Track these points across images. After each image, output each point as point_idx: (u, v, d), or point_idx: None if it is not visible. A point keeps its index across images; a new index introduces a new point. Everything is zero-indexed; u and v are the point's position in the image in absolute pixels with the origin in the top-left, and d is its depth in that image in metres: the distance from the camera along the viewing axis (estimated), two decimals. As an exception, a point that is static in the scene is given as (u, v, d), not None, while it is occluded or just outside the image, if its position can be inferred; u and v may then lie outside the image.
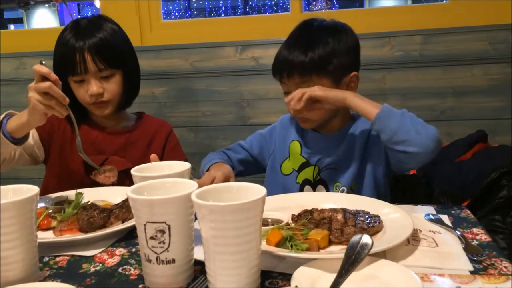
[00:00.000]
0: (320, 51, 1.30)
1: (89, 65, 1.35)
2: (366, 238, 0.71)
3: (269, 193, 1.28)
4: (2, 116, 1.24)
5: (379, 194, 1.35)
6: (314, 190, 1.38)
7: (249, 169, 1.51)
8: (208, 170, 1.36)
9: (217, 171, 1.25)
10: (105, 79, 1.39)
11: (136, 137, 1.50)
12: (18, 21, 13.05)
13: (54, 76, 1.12)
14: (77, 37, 1.36)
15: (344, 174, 1.34)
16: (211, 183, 1.17)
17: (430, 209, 1.12)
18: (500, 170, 1.53)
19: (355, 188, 1.35)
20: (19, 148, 1.28)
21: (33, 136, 1.40)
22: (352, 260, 0.68)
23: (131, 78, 1.47)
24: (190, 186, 0.82)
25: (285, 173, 1.43)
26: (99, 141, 1.46)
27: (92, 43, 1.35)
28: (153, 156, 1.16)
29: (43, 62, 1.15)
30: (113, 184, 1.33)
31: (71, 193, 1.20)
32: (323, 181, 1.37)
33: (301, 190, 1.38)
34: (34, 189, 0.82)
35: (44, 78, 1.12)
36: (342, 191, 1.33)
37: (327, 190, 1.35)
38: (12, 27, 12.91)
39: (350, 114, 1.44)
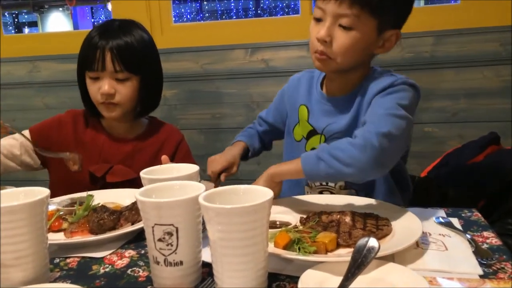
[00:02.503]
0: None
1: (106, 63, 1.36)
2: (373, 241, 0.71)
3: (286, 158, 1.26)
4: None
5: (393, 173, 1.24)
6: None
7: (274, 137, 1.49)
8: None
9: (218, 164, 1.29)
10: (120, 81, 1.39)
11: (144, 144, 1.49)
12: (33, 24, 13.23)
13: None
14: (102, 37, 1.37)
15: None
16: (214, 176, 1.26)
17: (441, 212, 1.11)
18: (513, 173, 1.52)
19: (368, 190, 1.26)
20: None
21: (23, 144, 1.41)
22: (359, 264, 0.68)
23: (149, 87, 1.45)
24: (198, 188, 0.82)
25: (297, 139, 1.34)
26: (106, 148, 1.45)
27: (115, 44, 1.36)
28: (164, 157, 1.16)
29: None
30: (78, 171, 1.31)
31: (82, 195, 1.21)
32: None
33: None
34: (45, 192, 0.84)
35: None
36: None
37: None
38: (26, 30, 13.10)
39: (369, 71, 1.26)
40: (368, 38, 1.15)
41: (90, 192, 1.20)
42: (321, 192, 1.28)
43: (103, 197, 1.21)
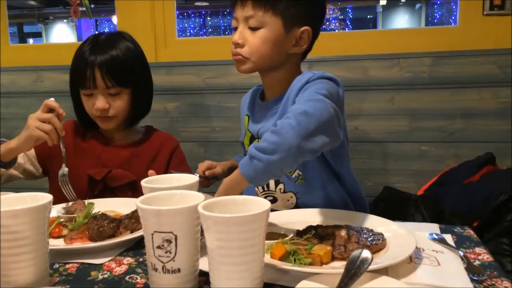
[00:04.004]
0: None
1: (98, 81, 1.41)
2: (366, 253, 0.72)
3: None
4: None
5: (330, 182, 1.27)
6: None
7: None
8: None
9: (204, 163, 1.36)
10: (112, 96, 1.44)
11: (141, 150, 1.53)
12: (37, 35, 13.36)
13: (61, 110, 1.27)
14: (91, 52, 1.42)
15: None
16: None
17: (435, 228, 1.13)
18: (508, 193, 1.54)
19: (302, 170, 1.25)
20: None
21: (26, 153, 1.44)
22: (352, 274, 0.70)
23: (140, 97, 1.51)
24: (197, 198, 0.84)
25: (246, 150, 1.38)
26: (105, 154, 1.50)
27: (103, 60, 1.40)
28: (150, 172, 1.18)
29: (52, 99, 1.30)
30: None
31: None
32: None
33: None
34: (48, 197, 0.86)
35: (50, 111, 1.26)
36: (297, 176, 1.25)
37: None
38: (31, 41, 13.21)
39: (297, 74, 1.27)
40: (276, 36, 1.22)
41: (90, 200, 1.22)
42: (265, 197, 1.30)
43: (103, 205, 1.23)
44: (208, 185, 1.36)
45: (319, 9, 1.29)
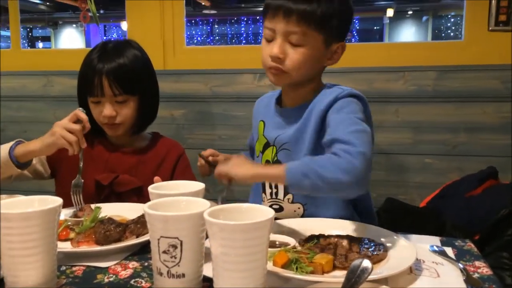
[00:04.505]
0: (326, 4, 1.20)
1: (105, 89, 1.43)
2: (366, 263, 0.74)
3: None
4: (13, 142, 1.36)
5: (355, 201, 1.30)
6: None
7: None
8: None
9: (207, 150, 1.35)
10: (120, 104, 1.47)
11: (148, 157, 1.56)
12: (46, 39, 13.50)
13: (88, 124, 1.31)
14: (99, 60, 1.45)
15: (297, 158, 1.20)
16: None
17: (435, 240, 1.14)
18: (510, 207, 1.55)
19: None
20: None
21: None
22: (352, 283, 0.72)
23: (147, 104, 1.54)
24: (203, 205, 0.86)
25: (257, 155, 1.40)
26: (112, 160, 1.52)
27: (110, 69, 1.43)
28: (156, 178, 1.22)
29: (83, 110, 1.35)
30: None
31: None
32: (279, 163, 1.27)
33: None
34: (58, 200, 0.88)
35: (77, 121, 1.30)
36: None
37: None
38: (40, 44, 13.34)
39: (320, 85, 1.32)
40: (317, 52, 1.23)
41: (98, 205, 1.24)
42: (271, 205, 1.32)
43: (109, 210, 1.26)
44: (208, 172, 1.34)
45: (351, 24, 1.32)
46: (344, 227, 1.15)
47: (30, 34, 13.29)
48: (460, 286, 0.88)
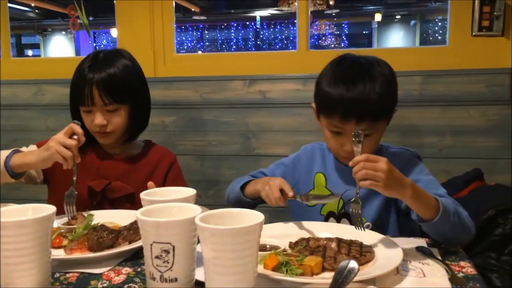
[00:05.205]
0: (387, 94, 1.28)
1: (95, 99, 1.45)
2: (353, 263, 0.77)
3: (295, 219, 1.30)
4: (10, 151, 1.37)
5: (404, 230, 1.36)
6: (338, 222, 1.37)
7: None
8: (243, 187, 1.41)
9: (275, 180, 1.29)
10: (111, 112, 1.49)
11: (140, 164, 1.58)
12: (36, 46, 13.42)
13: (83, 138, 1.31)
14: (89, 70, 1.47)
15: (369, 209, 1.33)
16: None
17: (422, 242, 1.17)
18: (496, 208, 1.58)
19: (378, 224, 1.35)
20: None
21: None
22: (340, 283, 0.74)
23: (138, 112, 1.55)
24: (194, 210, 0.88)
25: (310, 205, 1.40)
26: (104, 166, 1.54)
27: (100, 79, 1.45)
28: (150, 183, 1.24)
29: (78, 123, 1.34)
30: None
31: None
32: (347, 215, 1.37)
33: (325, 221, 1.38)
34: (51, 209, 0.90)
35: (72, 135, 1.30)
36: (367, 227, 1.27)
37: (351, 224, 1.30)
38: (29, 52, 13.27)
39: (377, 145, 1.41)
40: (383, 130, 1.35)
41: (90, 212, 1.26)
42: None
43: (102, 217, 1.27)
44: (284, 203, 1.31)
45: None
46: (332, 230, 1.18)
47: (19, 42, 13.22)
48: (445, 285, 0.91)
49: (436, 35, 11.91)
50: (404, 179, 1.07)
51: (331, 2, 10.48)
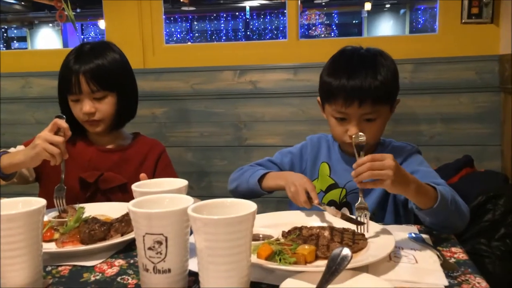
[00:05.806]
0: (387, 75, 1.32)
1: (82, 86, 1.45)
2: (346, 251, 0.77)
3: (294, 207, 1.29)
4: None
5: (399, 219, 1.40)
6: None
7: None
8: (261, 180, 1.38)
9: (300, 179, 1.27)
10: (98, 100, 1.49)
11: (130, 155, 1.58)
12: (22, 39, 13.26)
13: (69, 133, 1.29)
14: (76, 61, 1.47)
15: (369, 199, 1.36)
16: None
17: (414, 229, 1.18)
18: (486, 194, 1.60)
19: (377, 213, 1.36)
20: None
21: None
22: (333, 270, 0.74)
23: (126, 101, 1.55)
24: (186, 201, 0.88)
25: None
26: (95, 158, 1.54)
27: (87, 68, 1.45)
28: (142, 175, 1.24)
29: (64, 117, 1.31)
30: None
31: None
32: (348, 204, 1.41)
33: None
34: (41, 202, 0.89)
35: (58, 131, 1.27)
36: (365, 216, 1.23)
37: (351, 213, 1.31)
38: (16, 44, 13.10)
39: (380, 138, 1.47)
40: (387, 118, 1.39)
41: (81, 205, 1.25)
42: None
43: (93, 210, 1.26)
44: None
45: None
46: (325, 219, 1.18)
47: (5, 34, 13.04)
48: (437, 270, 0.92)
49: (426, 23, 11.94)
50: (408, 174, 1.07)
51: (320, -8, 10.46)
